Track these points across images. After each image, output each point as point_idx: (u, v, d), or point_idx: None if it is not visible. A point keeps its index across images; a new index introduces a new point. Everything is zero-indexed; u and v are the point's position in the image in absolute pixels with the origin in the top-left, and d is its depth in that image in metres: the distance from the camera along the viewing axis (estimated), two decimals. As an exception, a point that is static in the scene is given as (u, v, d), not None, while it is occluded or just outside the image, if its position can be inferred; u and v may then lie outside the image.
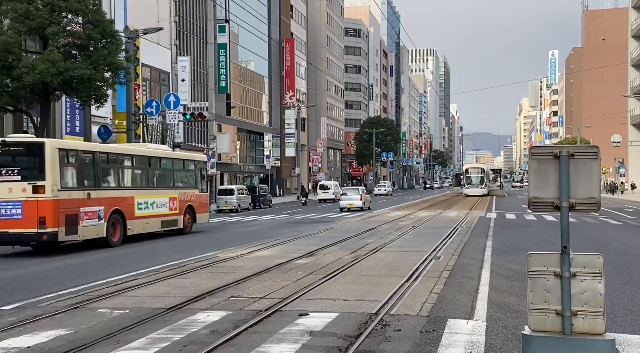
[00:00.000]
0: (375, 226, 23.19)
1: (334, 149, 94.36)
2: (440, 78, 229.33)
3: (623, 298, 8.97)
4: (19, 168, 15.61)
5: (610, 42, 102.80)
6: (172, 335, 6.89)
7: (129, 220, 18.60)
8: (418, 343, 6.46)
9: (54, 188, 15.48)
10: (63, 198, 15.76)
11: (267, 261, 13.06)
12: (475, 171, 61.98)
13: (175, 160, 22.81)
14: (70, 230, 15.92)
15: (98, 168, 17.61)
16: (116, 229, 18.01)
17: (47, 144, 15.86)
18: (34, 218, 15.29)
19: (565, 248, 4.61)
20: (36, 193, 15.34)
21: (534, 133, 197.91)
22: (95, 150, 18.31)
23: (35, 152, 15.85)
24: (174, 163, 22.50)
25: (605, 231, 21.15)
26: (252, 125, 63.48)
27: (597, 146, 4.73)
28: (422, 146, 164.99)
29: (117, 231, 18.05)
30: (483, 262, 12.62)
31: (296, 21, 78.81)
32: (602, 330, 4.55)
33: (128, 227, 18.54)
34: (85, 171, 17.14)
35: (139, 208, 19.29)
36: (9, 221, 15.36)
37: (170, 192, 21.39)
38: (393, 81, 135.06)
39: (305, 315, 7.75)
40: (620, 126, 75.16)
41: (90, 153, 17.73)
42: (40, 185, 15.36)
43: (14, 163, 15.74)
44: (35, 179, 15.45)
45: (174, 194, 21.53)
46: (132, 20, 37.84)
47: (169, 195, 21.20)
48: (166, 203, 20.90)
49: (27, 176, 15.57)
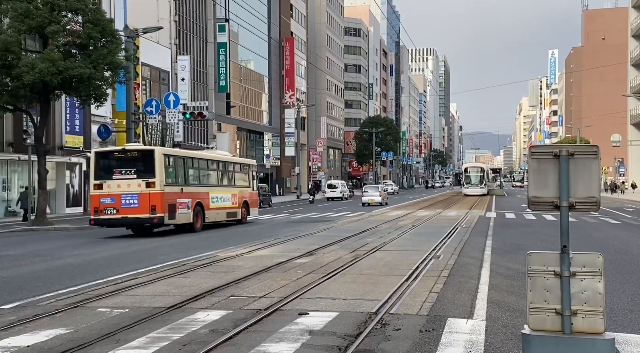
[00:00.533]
0: (374, 225, 23.19)
1: (333, 148, 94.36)
2: (440, 78, 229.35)
3: (623, 297, 8.97)
4: (135, 168, 20.19)
5: (610, 42, 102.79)
6: (171, 334, 6.89)
7: (206, 211, 23.08)
8: (418, 342, 6.46)
9: (161, 184, 20.09)
10: (167, 191, 20.29)
11: (267, 260, 13.06)
12: (474, 171, 61.51)
13: (235, 164, 27.35)
14: (171, 215, 20.53)
15: (187, 169, 22.38)
16: (198, 217, 22.39)
17: (156, 151, 20.66)
18: (147, 206, 19.87)
19: (565, 248, 4.61)
20: (148, 188, 19.91)
21: (533, 132, 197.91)
22: (184, 155, 23.00)
23: (147, 156, 20.40)
24: (234, 166, 26.95)
25: (605, 230, 21.16)
26: (251, 124, 63.48)
27: (597, 146, 4.73)
28: (422, 146, 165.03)
29: (199, 219, 22.48)
30: (483, 261, 12.62)
31: (296, 20, 78.79)
32: (602, 330, 4.55)
33: (206, 216, 23.01)
34: (179, 171, 21.76)
35: (213, 201, 23.74)
36: (128, 208, 19.93)
37: (232, 189, 25.83)
38: (393, 81, 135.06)
39: (305, 314, 7.75)
40: (620, 126, 75.16)
41: (181, 157, 22.35)
42: (151, 181, 19.96)
43: (132, 165, 20.29)
44: (148, 177, 19.98)
45: (235, 191, 25.99)
46: (131, 20, 37.84)
47: (232, 192, 25.67)
48: (229, 198, 25.36)
49: (141, 174, 20.06)
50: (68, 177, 36.67)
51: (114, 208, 19.99)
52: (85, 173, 37.73)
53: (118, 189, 20.06)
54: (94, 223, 20.48)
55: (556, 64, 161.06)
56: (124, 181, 20.03)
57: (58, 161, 35.36)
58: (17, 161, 32.66)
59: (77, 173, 37.47)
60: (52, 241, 19.49)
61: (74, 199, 37.19)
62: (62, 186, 36.17)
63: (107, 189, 20.17)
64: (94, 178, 20.52)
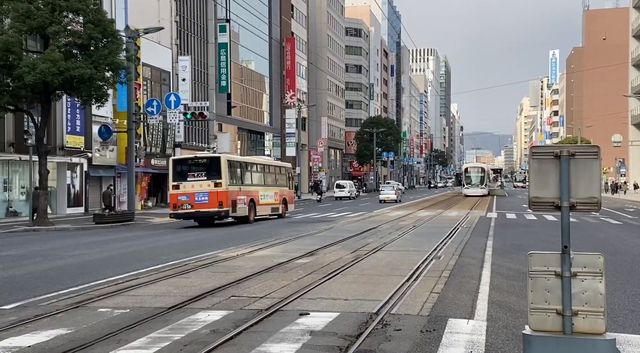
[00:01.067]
0: (375, 225, 23.18)
1: (334, 148, 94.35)
2: (440, 78, 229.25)
3: (624, 297, 8.96)
4: (205, 172, 24.75)
5: (610, 42, 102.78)
6: (172, 334, 6.90)
7: (257, 206, 27.61)
8: (418, 342, 6.46)
9: (226, 184, 24.62)
10: (230, 190, 24.80)
11: (268, 260, 13.07)
12: (475, 171, 60.73)
13: (277, 167, 32.32)
14: (233, 209, 25.07)
15: (243, 172, 26.99)
16: (251, 211, 26.94)
17: (222, 157, 25.29)
18: (216, 202, 24.42)
19: (565, 248, 4.61)
20: (216, 187, 24.43)
21: (534, 132, 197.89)
22: (242, 161, 28.04)
23: (214, 162, 24.90)
24: (276, 169, 31.69)
25: (606, 231, 21.14)
26: (252, 125, 63.48)
27: (598, 146, 4.73)
28: (423, 146, 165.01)
29: (252, 213, 27.04)
30: (484, 262, 12.62)
31: (297, 21, 78.80)
32: (603, 330, 4.55)
33: (257, 210, 27.50)
34: (238, 173, 26.32)
35: (261, 198, 28.19)
36: (200, 204, 24.50)
37: (275, 188, 30.27)
38: (394, 81, 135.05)
39: (305, 315, 7.75)
40: (621, 126, 75.12)
41: (239, 162, 27.22)
42: (218, 182, 24.50)
43: (202, 169, 24.87)
44: (215, 179, 24.50)
45: (277, 190, 30.44)
46: (132, 20, 37.86)
47: (275, 191, 30.14)
48: (273, 196, 29.77)
49: (210, 176, 24.60)
50: (69, 177, 36.67)
51: (189, 204, 24.58)
52: (86, 173, 37.78)
53: (192, 189, 24.62)
54: (173, 217, 25.28)
55: (557, 65, 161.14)
56: (197, 182, 24.67)
57: (59, 162, 35.38)
58: (18, 161, 32.70)
59: (78, 173, 37.49)
60: (53, 241, 19.50)
61: (75, 199, 37.19)
62: (63, 186, 36.18)
63: (183, 189, 24.68)
64: (172, 180, 25.03)
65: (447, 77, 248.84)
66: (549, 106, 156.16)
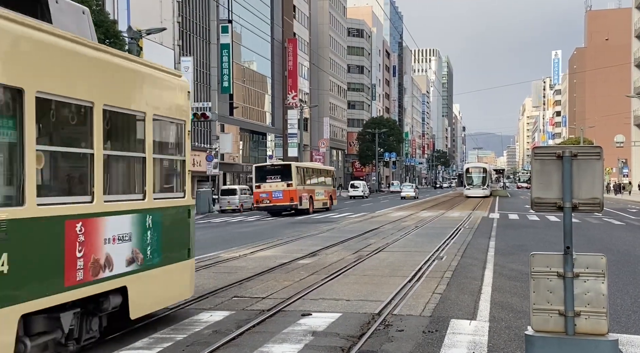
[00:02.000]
0: (377, 226, 23.18)
1: (336, 149, 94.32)
2: (442, 78, 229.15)
3: (626, 298, 8.95)
4: (280, 175, 32.98)
5: (613, 43, 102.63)
6: (175, 334, 6.91)
7: (314, 201, 35.85)
8: (421, 343, 6.46)
9: (295, 184, 32.86)
10: (298, 189, 33.04)
11: (270, 261, 13.07)
12: (476, 171, 59.56)
13: (324, 170, 41.25)
14: (300, 203, 33.21)
15: (305, 175, 35.42)
16: (310, 205, 35.08)
17: (292, 165, 34.32)
18: (288, 198, 32.62)
19: (568, 249, 4.61)
20: (288, 187, 32.62)
21: (537, 133, 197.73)
22: (303, 166, 37.25)
23: (287, 168, 33.64)
24: (324, 172, 40.54)
25: (609, 231, 21.11)
26: (254, 125, 63.50)
27: (600, 147, 4.73)
28: (425, 146, 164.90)
29: (311, 206, 35.20)
30: (486, 262, 12.62)
31: (299, 21, 78.82)
32: (605, 331, 4.55)
33: (314, 204, 35.70)
34: (302, 176, 34.50)
35: (317, 195, 36.75)
36: (276, 199, 32.68)
37: (324, 187, 39.21)
38: (396, 81, 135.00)
39: (308, 315, 7.76)
40: (624, 126, 75.01)
41: (303, 167, 36.22)
42: (290, 183, 32.68)
43: (277, 173, 33.23)
44: (287, 180, 32.71)
45: (325, 188, 39.35)
46: (135, 21, 37.87)
47: (324, 189, 39.13)
48: (323, 193, 38.54)
49: (283, 179, 32.76)
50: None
51: (268, 199, 32.87)
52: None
53: (269, 188, 32.86)
54: (256, 209, 34.67)
55: (559, 65, 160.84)
56: (273, 183, 32.81)
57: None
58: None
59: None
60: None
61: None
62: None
63: (263, 188, 33.00)
64: (255, 181, 33.46)
65: (449, 77, 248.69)
66: (552, 106, 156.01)
